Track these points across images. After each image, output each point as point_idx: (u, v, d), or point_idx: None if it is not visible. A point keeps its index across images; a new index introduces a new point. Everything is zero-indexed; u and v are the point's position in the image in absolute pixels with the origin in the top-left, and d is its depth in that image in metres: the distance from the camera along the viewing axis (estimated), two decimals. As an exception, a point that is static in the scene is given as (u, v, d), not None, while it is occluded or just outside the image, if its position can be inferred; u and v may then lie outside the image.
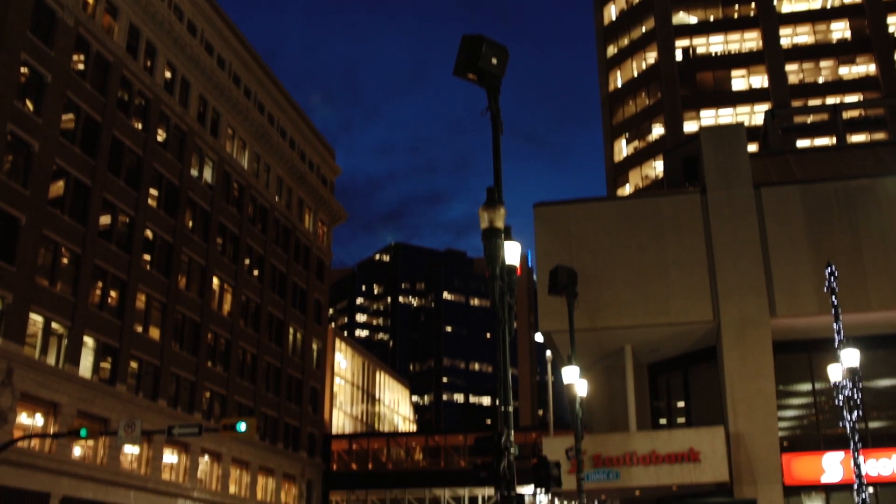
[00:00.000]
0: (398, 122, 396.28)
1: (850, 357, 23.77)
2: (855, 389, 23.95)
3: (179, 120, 53.95)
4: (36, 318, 40.66)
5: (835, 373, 24.83)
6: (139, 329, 48.63)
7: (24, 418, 40.02)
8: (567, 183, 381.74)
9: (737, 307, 29.77)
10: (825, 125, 57.41)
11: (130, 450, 46.82)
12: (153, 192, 51.19)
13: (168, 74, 53.63)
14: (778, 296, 29.53)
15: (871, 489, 26.42)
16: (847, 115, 59.30)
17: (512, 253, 14.61)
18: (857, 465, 23.20)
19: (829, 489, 29.66)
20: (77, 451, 43.28)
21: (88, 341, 44.19)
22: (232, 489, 57.52)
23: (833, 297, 24.66)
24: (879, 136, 58.76)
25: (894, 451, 28.71)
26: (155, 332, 50.33)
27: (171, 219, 52.50)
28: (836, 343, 24.29)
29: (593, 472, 28.45)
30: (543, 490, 15.21)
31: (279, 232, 67.68)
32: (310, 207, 74.48)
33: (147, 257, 50.21)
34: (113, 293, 46.97)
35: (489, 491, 63.85)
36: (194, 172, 55.75)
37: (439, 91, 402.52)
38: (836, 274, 24.97)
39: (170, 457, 51.07)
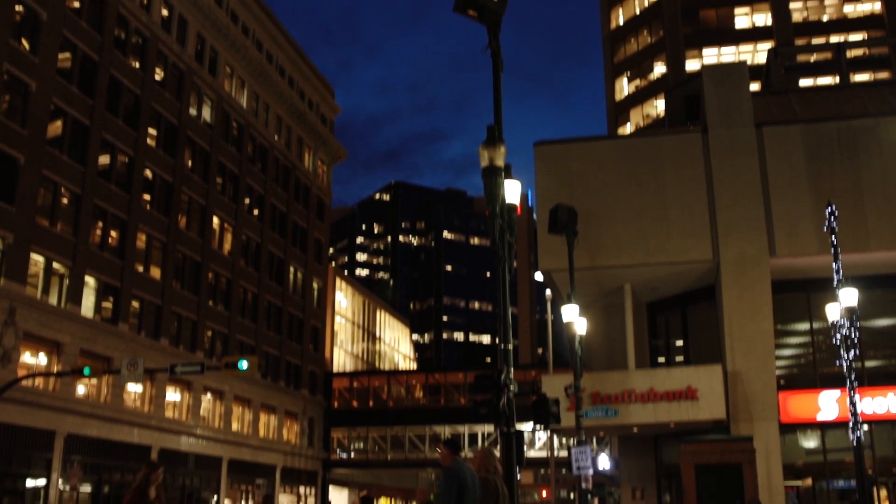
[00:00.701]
0: (398, 61, 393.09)
1: (849, 296, 23.90)
2: (852, 329, 24.11)
3: (177, 59, 53.48)
4: (37, 259, 40.76)
5: (833, 312, 24.97)
6: (140, 269, 48.77)
7: (27, 357, 40.35)
8: (567, 122, 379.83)
9: (736, 246, 29.85)
10: (829, 64, 56.90)
11: (133, 388, 47.28)
12: (152, 131, 50.95)
13: (165, 12, 53.05)
14: (777, 235, 29.59)
15: (865, 427, 26.72)
16: (851, 53, 58.79)
17: (512, 191, 14.61)
18: (853, 404, 23.45)
19: (824, 427, 30.04)
20: (81, 389, 43.71)
21: (90, 281, 44.35)
22: (234, 426, 58.19)
23: (832, 236, 24.70)
24: (883, 75, 58.27)
25: (890, 389, 29.01)
26: (156, 272, 50.50)
27: (171, 158, 52.34)
28: (835, 283, 24.39)
29: (592, 410, 28.77)
30: (542, 427, 15.40)
31: (279, 171, 67.50)
32: (309, 146, 74.19)
33: (147, 197, 50.15)
34: (113, 233, 47.03)
35: (489, 428, 64.55)
36: (193, 112, 55.44)
37: (439, 29, 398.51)
38: (836, 214, 24.97)
39: (172, 395, 51.59)
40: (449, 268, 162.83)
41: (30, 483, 39.93)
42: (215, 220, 57.45)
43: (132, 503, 11.08)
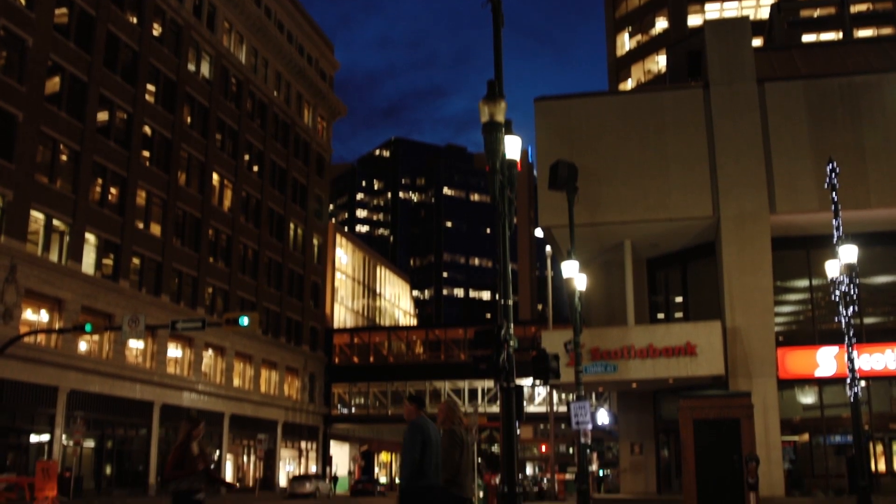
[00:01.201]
0: (397, 16, 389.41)
1: (848, 253, 23.92)
2: (851, 285, 24.16)
3: (175, 14, 53.03)
4: (37, 216, 40.74)
5: (832, 269, 25.00)
6: (140, 225, 48.77)
7: (29, 314, 40.50)
8: (568, 79, 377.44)
9: (737, 203, 29.83)
10: (832, 19, 56.51)
11: (135, 344, 47.51)
12: (150, 87, 50.66)
13: (162, -34, 52.50)
14: (778, 192, 29.56)
15: (863, 383, 26.90)
16: (855, 9, 58.35)
17: (512, 147, 14.57)
18: (851, 360, 23.56)
19: (822, 383, 30.24)
20: (83, 346, 43.92)
21: (90, 238, 44.37)
22: (236, 382, 58.56)
23: (833, 193, 24.66)
24: (887, 30, 57.81)
25: (888, 346, 29.15)
26: (156, 229, 50.50)
27: (170, 115, 52.10)
28: (835, 239, 24.40)
29: (591, 365, 28.95)
30: (542, 382, 15.49)
31: (278, 127, 67.24)
32: (309, 102, 73.83)
33: (146, 154, 50.00)
34: (113, 190, 46.95)
35: (489, 383, 64.97)
36: (191, 67, 55.08)
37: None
38: (837, 170, 24.91)
39: (174, 351, 51.85)
40: (449, 224, 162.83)
41: (33, 438, 40.30)
42: (215, 176, 57.34)
43: (176, 460, 10.72)
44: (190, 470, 10.66)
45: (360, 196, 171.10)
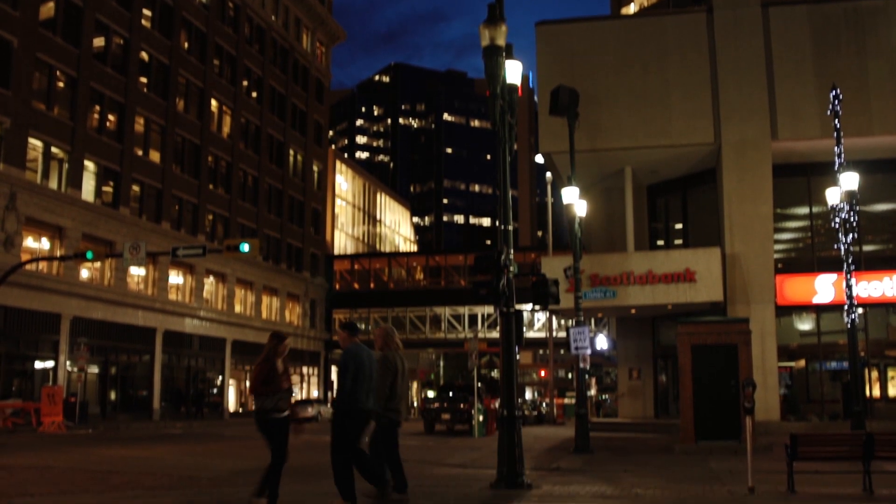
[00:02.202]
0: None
1: (849, 180, 23.88)
2: (851, 213, 24.18)
3: (170, -65, 52.05)
4: (35, 143, 40.53)
5: (833, 196, 25.00)
6: (139, 152, 48.56)
7: (30, 242, 40.57)
8: (570, 4, 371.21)
9: (738, 129, 29.71)
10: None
11: (136, 271, 47.69)
12: (146, 12, 49.94)
13: None
14: (780, 118, 29.41)
15: (860, 310, 27.10)
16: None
17: (513, 71, 14.45)
18: (849, 287, 23.69)
19: (819, 309, 30.47)
20: (84, 273, 44.09)
21: (89, 165, 44.21)
22: (237, 308, 58.93)
23: (835, 120, 24.54)
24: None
25: (886, 273, 29.31)
26: (155, 156, 50.30)
27: (167, 40, 51.46)
28: (836, 166, 24.34)
29: (591, 291, 29.13)
30: (541, 307, 15.57)
31: (277, 53, 66.46)
32: (307, 27, 72.86)
33: (144, 80, 49.52)
34: (111, 116, 46.62)
35: (489, 309, 65.32)
36: (187, -9, 54.26)
37: None
38: (840, 97, 24.76)
39: (175, 278, 52.06)
40: (449, 150, 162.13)
41: (38, 364, 40.72)
42: (213, 102, 56.87)
43: (262, 375, 10.14)
44: (275, 387, 10.10)
45: (359, 122, 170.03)
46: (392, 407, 10.86)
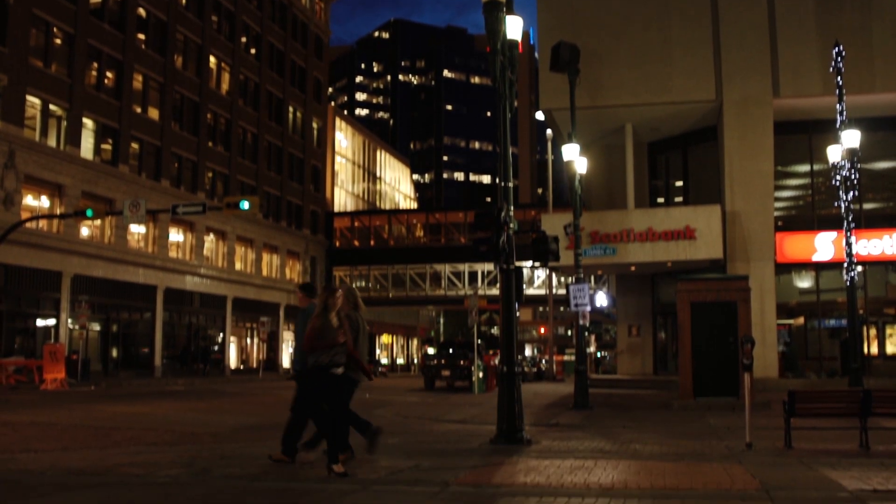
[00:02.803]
0: None
1: (851, 138, 23.78)
2: (852, 170, 24.11)
3: None
4: (33, 101, 40.34)
5: (834, 153, 24.91)
6: (138, 110, 48.33)
7: (30, 200, 40.52)
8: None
9: (740, 86, 29.55)
10: None
11: (137, 229, 47.68)
12: (143, -34, 49.48)
13: None
14: (782, 75, 29.23)
15: (859, 268, 27.12)
16: None
17: (513, 27, 14.33)
18: (849, 245, 23.69)
19: (819, 267, 30.51)
20: (85, 231, 44.10)
21: (88, 123, 44.03)
22: (238, 266, 59.01)
23: (838, 77, 24.38)
24: None
25: (886, 231, 29.31)
26: (154, 113, 50.07)
27: (164, -5, 51.03)
28: (838, 124, 24.23)
29: (591, 248, 29.14)
30: (541, 264, 15.57)
31: (275, 8, 65.89)
32: (306, -18, 72.22)
33: (141, 36, 49.15)
34: (109, 74, 46.34)
35: (489, 266, 65.37)
36: (185, -55, 53.66)
37: None
38: (843, 54, 24.57)
39: (175, 236, 52.08)
40: (449, 107, 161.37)
41: (40, 322, 40.88)
42: (212, 59, 56.50)
43: (316, 330, 9.82)
44: (329, 342, 9.79)
45: (359, 79, 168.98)
46: (351, 365, 10.92)
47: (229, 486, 8.71)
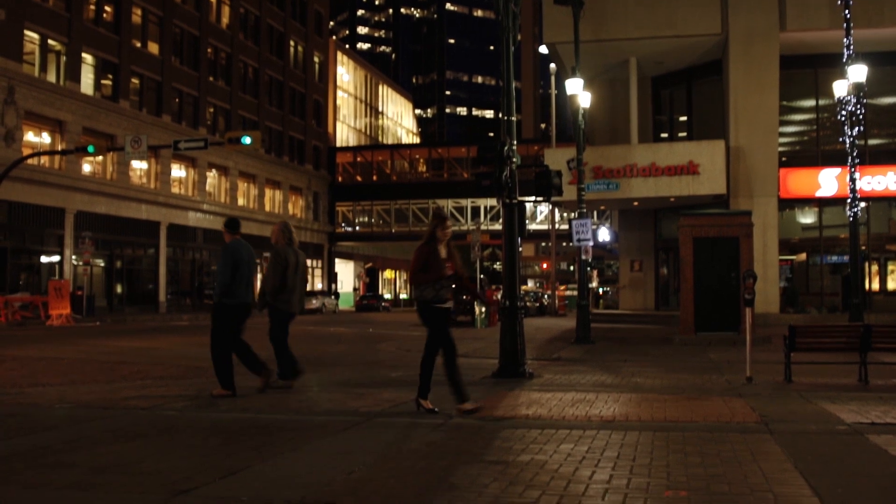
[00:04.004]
0: None
1: (857, 72, 23.55)
2: (858, 105, 23.93)
3: None
4: (31, 35, 39.95)
5: (840, 88, 24.70)
6: (137, 44, 47.88)
7: (31, 137, 40.36)
8: None
9: (746, 19, 29.20)
10: None
11: (138, 165, 47.58)
12: None
13: None
14: (789, 8, 28.88)
15: (863, 204, 27.10)
16: None
17: (517, -42, 14.14)
18: (853, 180, 23.62)
19: (822, 203, 30.47)
20: (87, 167, 44.00)
21: (87, 58, 43.66)
22: (240, 202, 59.00)
23: (846, 10, 24.06)
24: None
25: (889, 168, 29.21)
26: (154, 48, 49.60)
27: (162, -74, 50.21)
28: (845, 58, 23.97)
29: (594, 183, 29.10)
30: (544, 199, 15.54)
31: (275, -60, 64.93)
32: (306, -87, 71.01)
33: (140, -32, 48.53)
34: (108, 7, 45.81)
35: (491, 202, 65.32)
36: None
37: None
38: (851, -14, 24.22)
39: (178, 171, 51.97)
40: (452, 41, 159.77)
41: (44, 259, 41.01)
42: (211, -8, 55.84)
43: (420, 262, 9.01)
44: (436, 275, 8.91)
45: (360, 12, 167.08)
46: (283, 299, 11.28)
47: (235, 418, 8.83)
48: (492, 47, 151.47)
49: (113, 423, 8.49)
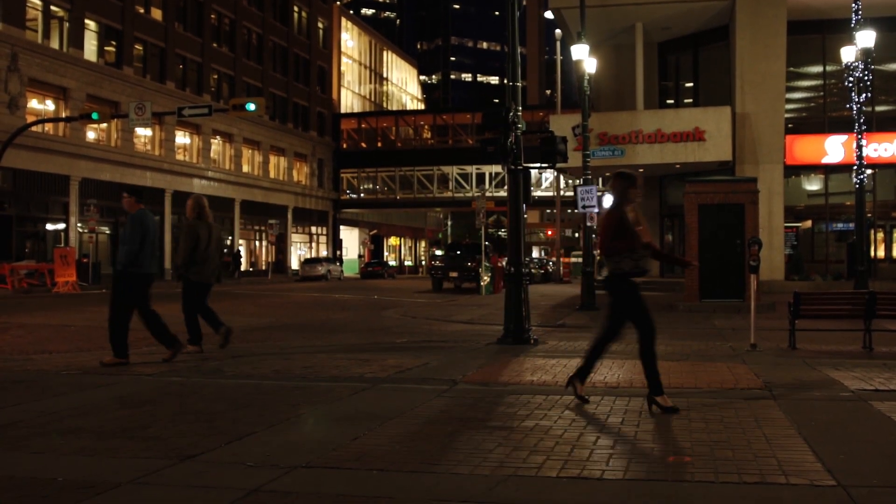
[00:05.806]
0: None
1: (866, 38, 23.35)
2: (866, 72, 23.76)
3: None
4: (34, 1, 39.77)
5: (847, 54, 24.51)
6: (140, 10, 47.63)
7: (35, 104, 40.28)
8: None
9: (753, -16, 28.96)
10: None
11: (143, 132, 47.51)
12: None
13: None
14: (797, -28, 28.62)
15: (869, 171, 26.97)
16: None
17: (522, -75, 13.98)
18: (860, 147, 23.50)
19: (828, 169, 30.35)
20: (91, 135, 43.93)
21: (90, 24, 43.46)
22: (245, 168, 58.93)
23: (854, -27, 23.82)
24: None
25: (896, 134, 29.04)
26: (157, 14, 49.35)
27: None
28: (853, 23, 23.76)
29: (599, 150, 29.01)
30: (549, 166, 15.46)
31: None
32: None
33: (142, -67, 48.19)
34: (110, -28, 45.60)
35: (496, 168, 65.09)
36: None
37: None
38: (861, -51, 23.97)
39: (182, 138, 51.88)
40: (457, 6, 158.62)
41: (49, 226, 41.07)
42: (214, -43, 55.44)
43: (611, 229, 7.55)
44: (631, 243, 7.48)
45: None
46: (195, 270, 11.65)
47: (240, 384, 8.87)
48: (497, 13, 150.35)
49: (119, 389, 8.54)
